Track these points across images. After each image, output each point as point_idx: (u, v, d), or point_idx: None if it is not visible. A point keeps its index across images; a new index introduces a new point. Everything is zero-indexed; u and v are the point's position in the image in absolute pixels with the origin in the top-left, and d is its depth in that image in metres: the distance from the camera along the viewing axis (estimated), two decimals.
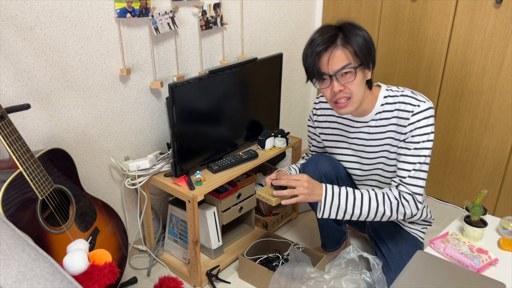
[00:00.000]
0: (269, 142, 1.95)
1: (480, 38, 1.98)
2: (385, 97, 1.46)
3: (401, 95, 1.44)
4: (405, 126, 1.43)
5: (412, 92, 1.44)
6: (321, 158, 1.62)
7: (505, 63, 1.94)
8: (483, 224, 1.51)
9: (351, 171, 1.64)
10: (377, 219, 1.44)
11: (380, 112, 1.48)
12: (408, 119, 1.41)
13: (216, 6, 1.90)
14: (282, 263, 1.77)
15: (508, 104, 1.98)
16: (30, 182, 1.24)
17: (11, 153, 1.20)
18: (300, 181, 1.39)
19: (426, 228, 1.73)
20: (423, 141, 1.41)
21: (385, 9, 2.25)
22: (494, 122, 2.04)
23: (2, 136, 1.18)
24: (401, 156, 1.45)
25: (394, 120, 1.46)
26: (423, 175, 1.43)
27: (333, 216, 1.43)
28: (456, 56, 2.08)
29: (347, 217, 1.43)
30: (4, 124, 1.19)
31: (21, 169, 1.22)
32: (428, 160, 1.42)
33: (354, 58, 1.33)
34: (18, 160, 1.21)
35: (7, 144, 1.19)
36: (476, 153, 2.14)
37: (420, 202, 1.44)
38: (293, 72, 2.56)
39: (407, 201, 1.42)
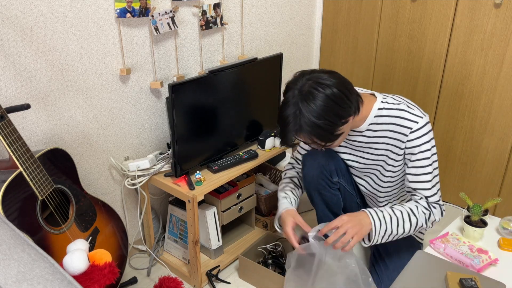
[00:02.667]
0: (269, 142, 1.95)
1: (480, 38, 1.98)
2: (379, 109, 1.45)
3: (397, 109, 1.43)
4: (403, 142, 1.43)
5: (408, 106, 1.43)
6: (319, 152, 1.64)
7: (505, 63, 1.93)
8: (483, 224, 1.51)
9: (349, 163, 1.65)
10: (413, 232, 1.48)
11: (373, 124, 1.47)
12: (406, 135, 1.42)
13: (216, 6, 1.90)
14: (275, 257, 1.76)
15: (508, 104, 1.98)
16: (30, 182, 1.24)
17: (11, 153, 1.20)
18: (340, 221, 1.39)
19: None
20: (428, 157, 1.43)
21: (385, 9, 2.25)
22: (494, 122, 2.04)
23: (2, 136, 1.18)
24: (411, 176, 1.47)
25: (389, 134, 1.46)
26: (439, 184, 1.49)
27: (384, 239, 1.44)
28: (456, 56, 2.08)
29: (392, 238, 1.45)
30: (4, 124, 1.19)
31: (21, 169, 1.22)
32: (437, 171, 1.47)
33: (316, 139, 1.34)
34: (18, 160, 1.21)
35: (7, 144, 1.19)
36: (476, 153, 2.14)
37: (444, 210, 1.51)
38: (293, 72, 2.55)
39: (435, 209, 1.48)
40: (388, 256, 1.64)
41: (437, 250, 1.46)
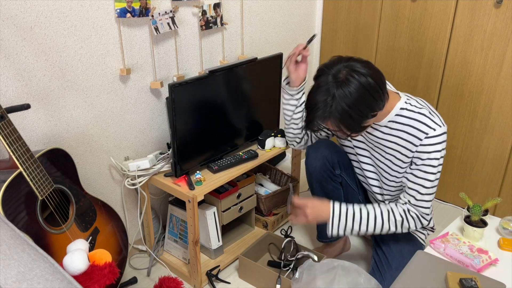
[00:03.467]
0: (269, 142, 1.95)
1: (480, 38, 1.98)
2: (401, 108, 1.45)
3: (419, 113, 1.42)
4: (416, 145, 1.42)
5: (430, 113, 1.42)
6: (324, 142, 1.66)
7: (505, 63, 1.94)
8: (483, 224, 1.51)
9: (360, 152, 1.64)
10: (384, 233, 1.52)
11: (392, 122, 1.46)
12: (420, 139, 1.41)
13: (216, 6, 1.90)
14: (287, 264, 1.76)
15: (508, 104, 1.98)
16: (30, 182, 1.24)
17: (11, 153, 1.20)
18: (307, 203, 1.51)
19: (426, 232, 1.73)
20: (435, 166, 1.42)
21: (385, 9, 2.25)
22: (494, 122, 2.04)
23: (2, 136, 1.18)
24: (411, 176, 1.47)
25: (404, 135, 1.45)
26: (431, 197, 1.48)
27: (341, 233, 1.51)
28: (456, 56, 2.08)
29: (355, 234, 1.51)
30: (4, 124, 1.19)
31: (21, 169, 1.22)
32: (437, 182, 1.46)
33: (343, 127, 1.35)
34: (18, 160, 1.21)
35: (7, 144, 1.19)
36: (476, 153, 2.14)
37: (426, 220, 1.51)
38: None
39: (413, 218, 1.49)
40: (391, 254, 1.64)
41: (437, 250, 1.46)
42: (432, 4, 2.08)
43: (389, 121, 1.47)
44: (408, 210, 1.49)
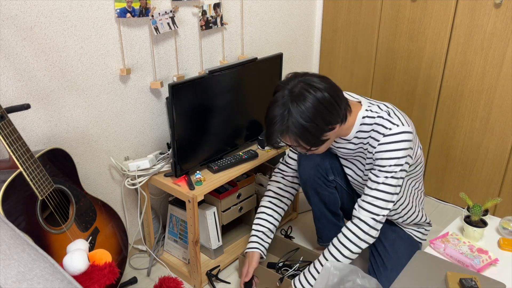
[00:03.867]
0: None
1: (480, 38, 1.98)
2: (363, 117, 1.45)
3: (378, 117, 1.42)
4: (374, 147, 1.42)
5: (389, 114, 1.41)
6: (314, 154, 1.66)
7: (505, 63, 1.94)
8: (483, 224, 1.51)
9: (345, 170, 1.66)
10: (357, 251, 1.48)
11: (360, 131, 1.47)
12: (378, 140, 1.41)
13: (216, 6, 1.90)
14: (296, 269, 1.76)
15: (508, 104, 1.98)
16: (30, 182, 1.24)
17: (11, 153, 1.20)
18: None
19: (422, 229, 1.73)
20: (390, 165, 1.40)
21: (385, 9, 2.25)
22: (494, 122, 2.04)
23: (2, 136, 1.18)
24: (370, 174, 1.46)
25: (369, 140, 1.45)
26: (381, 202, 1.42)
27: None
28: (456, 56, 2.08)
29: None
30: (4, 124, 1.19)
31: (21, 169, 1.22)
32: (393, 188, 1.41)
33: (302, 142, 1.35)
34: (18, 160, 1.21)
35: (7, 144, 1.19)
36: (476, 153, 2.14)
37: (376, 225, 1.44)
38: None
39: (359, 228, 1.45)
40: (386, 256, 1.64)
41: (437, 250, 1.46)
42: (432, 4, 2.08)
43: (357, 132, 1.46)
44: (355, 220, 1.46)
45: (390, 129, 1.39)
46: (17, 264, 0.71)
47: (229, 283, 1.79)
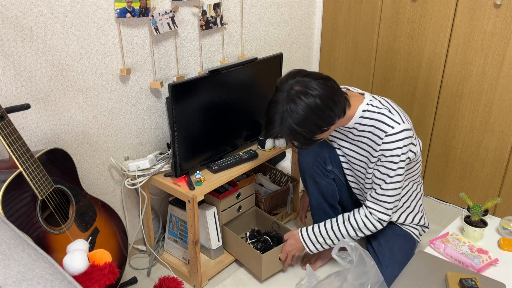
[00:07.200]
0: (269, 142, 1.95)
1: (480, 38, 1.98)
2: (363, 110, 1.49)
3: (378, 113, 1.47)
4: (379, 145, 1.48)
5: (390, 111, 1.47)
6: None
7: (505, 63, 1.93)
8: (483, 224, 1.51)
9: (344, 151, 1.70)
10: (356, 238, 1.61)
11: (358, 124, 1.52)
12: (382, 138, 1.46)
13: (216, 6, 1.90)
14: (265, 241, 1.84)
15: (508, 104, 1.98)
16: (30, 182, 1.24)
17: (11, 153, 1.20)
18: (285, 249, 1.72)
19: (419, 228, 1.73)
20: (395, 162, 1.47)
21: (385, 9, 2.25)
22: (494, 122, 2.04)
23: (2, 136, 1.18)
24: (376, 172, 1.52)
25: (369, 135, 1.50)
26: (393, 192, 1.51)
27: (319, 248, 1.66)
28: (456, 56, 2.08)
29: (330, 245, 1.65)
30: (4, 124, 1.19)
31: (21, 169, 1.22)
32: (397, 178, 1.49)
33: (294, 142, 1.45)
34: (18, 160, 1.21)
35: (7, 144, 1.19)
36: (476, 153, 2.14)
37: (383, 220, 1.56)
38: None
39: (369, 219, 1.56)
40: (381, 252, 1.65)
41: (437, 250, 1.46)
42: (432, 4, 2.07)
43: (355, 123, 1.52)
44: (365, 214, 1.56)
45: (392, 127, 1.44)
46: (17, 264, 0.71)
47: None
